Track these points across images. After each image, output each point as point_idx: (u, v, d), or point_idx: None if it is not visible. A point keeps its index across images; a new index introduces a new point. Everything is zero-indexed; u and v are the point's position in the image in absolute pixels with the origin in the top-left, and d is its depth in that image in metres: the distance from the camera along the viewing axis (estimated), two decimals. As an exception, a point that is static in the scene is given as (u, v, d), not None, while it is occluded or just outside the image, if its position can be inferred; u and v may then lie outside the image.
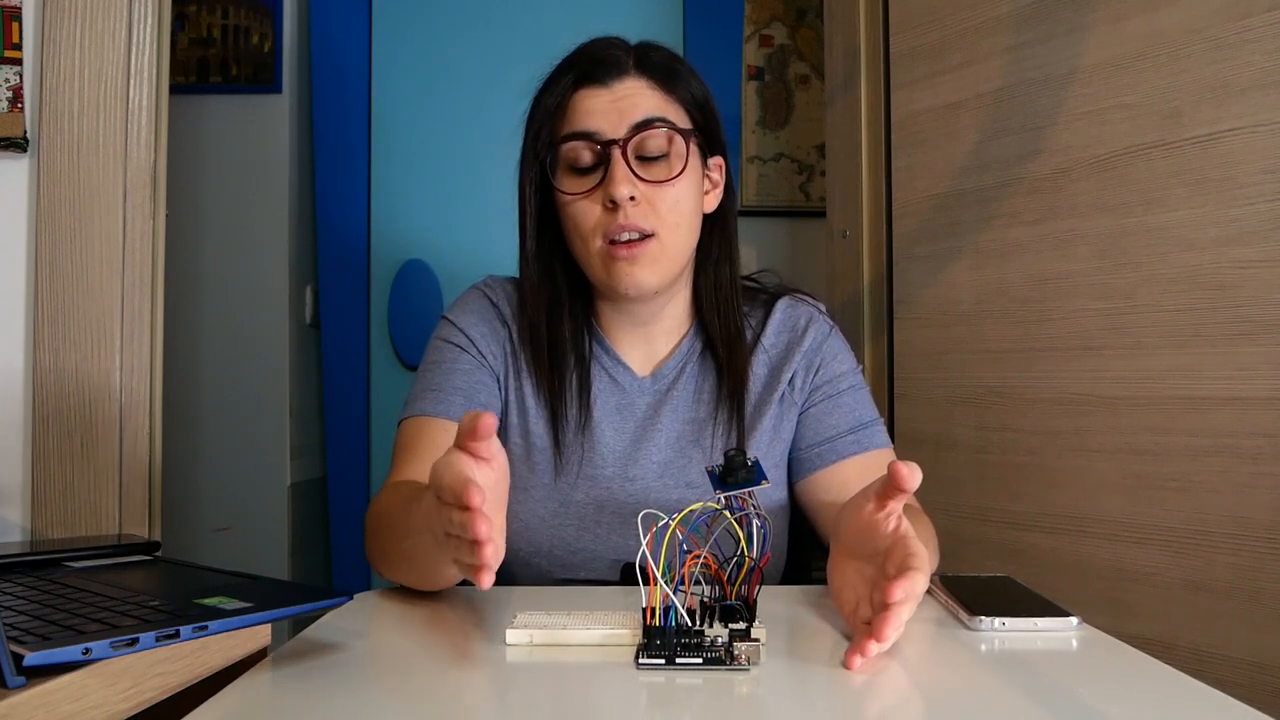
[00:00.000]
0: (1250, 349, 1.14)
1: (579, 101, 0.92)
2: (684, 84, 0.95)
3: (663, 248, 0.92)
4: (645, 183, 0.91)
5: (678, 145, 0.92)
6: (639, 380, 0.99)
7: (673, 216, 0.92)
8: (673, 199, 0.92)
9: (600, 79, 0.92)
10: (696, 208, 0.95)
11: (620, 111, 0.91)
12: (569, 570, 0.94)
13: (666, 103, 0.93)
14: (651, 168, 0.92)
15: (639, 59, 0.93)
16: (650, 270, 0.92)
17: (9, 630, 0.55)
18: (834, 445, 0.97)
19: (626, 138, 0.90)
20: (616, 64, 0.92)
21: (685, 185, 0.93)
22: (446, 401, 0.95)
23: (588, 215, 0.92)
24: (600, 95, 0.92)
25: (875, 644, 0.60)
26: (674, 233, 0.92)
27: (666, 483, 0.96)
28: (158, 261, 1.18)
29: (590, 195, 0.92)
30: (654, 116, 0.91)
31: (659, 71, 0.93)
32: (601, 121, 0.91)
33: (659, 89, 0.93)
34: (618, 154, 0.90)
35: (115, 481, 1.13)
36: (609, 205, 0.90)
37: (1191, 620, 1.19)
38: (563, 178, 0.93)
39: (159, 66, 1.18)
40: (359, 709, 0.55)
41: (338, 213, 2.16)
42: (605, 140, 0.90)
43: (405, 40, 2.14)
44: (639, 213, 0.90)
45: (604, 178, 0.90)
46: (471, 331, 1.00)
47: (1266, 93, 1.13)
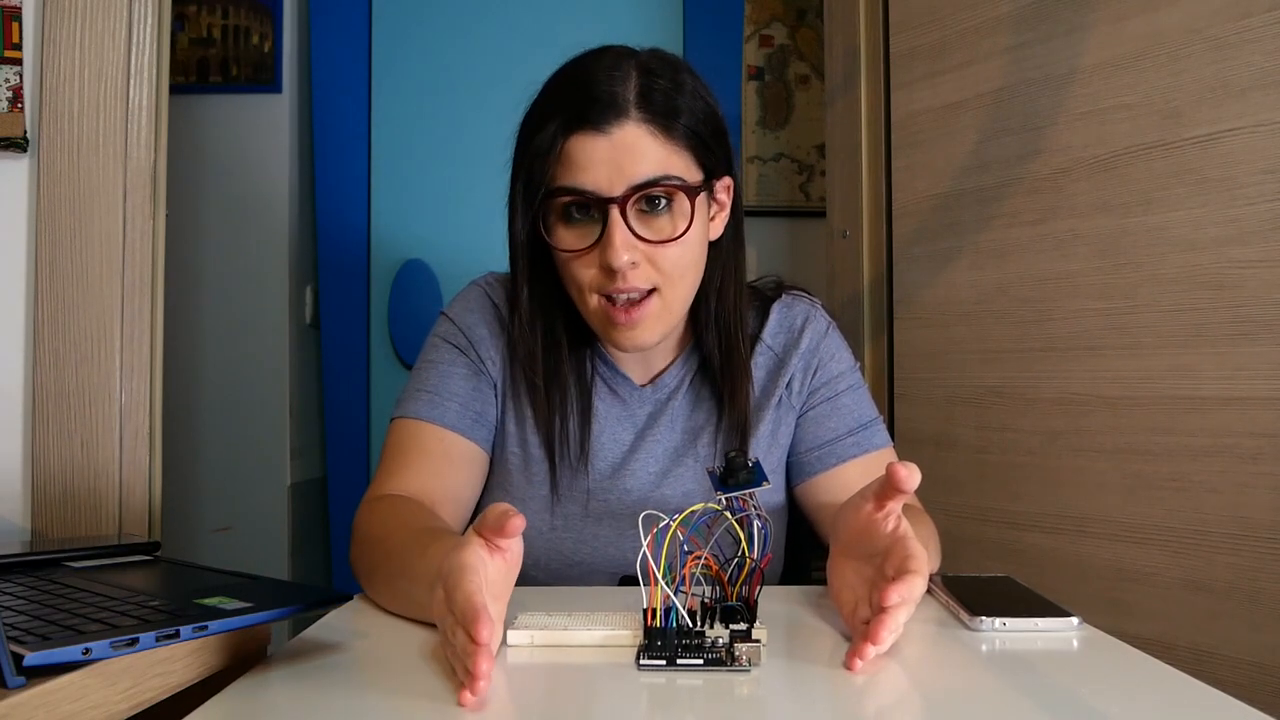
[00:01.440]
0: (1250, 349, 1.14)
1: (573, 149, 0.83)
2: (687, 118, 0.85)
3: (665, 304, 0.87)
4: (646, 242, 0.84)
5: (680, 201, 0.85)
6: (639, 390, 0.98)
7: (675, 272, 0.86)
8: (675, 256, 0.85)
9: (597, 123, 0.82)
10: (701, 254, 0.90)
11: (619, 166, 0.82)
12: (566, 582, 0.94)
13: (670, 150, 0.84)
14: (653, 222, 0.84)
15: (641, 96, 0.83)
16: (651, 330, 0.87)
17: (9, 630, 0.55)
18: (834, 448, 0.96)
19: (625, 196, 0.82)
20: (614, 105, 0.82)
21: (690, 239, 0.86)
22: (442, 407, 0.93)
23: (583, 274, 0.86)
24: (597, 144, 0.82)
25: (872, 647, 0.60)
26: (677, 287, 0.87)
27: (664, 492, 0.96)
28: (158, 261, 1.18)
29: (586, 255, 0.85)
30: (656, 176, 0.82)
31: (662, 113, 0.83)
32: (599, 175, 0.82)
33: (661, 135, 0.83)
34: (616, 215, 0.82)
35: (115, 481, 1.12)
36: (605, 268, 0.84)
37: (1191, 620, 1.19)
38: (557, 230, 0.86)
39: (159, 66, 1.18)
40: (359, 709, 0.55)
41: (338, 213, 2.16)
42: (602, 199, 0.82)
43: (405, 40, 2.14)
44: (639, 274, 0.84)
45: (601, 236, 0.83)
46: (471, 334, 0.97)
47: (1266, 93, 1.13)
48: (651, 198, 0.84)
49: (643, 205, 0.84)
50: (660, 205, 0.84)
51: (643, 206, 0.84)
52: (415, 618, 0.75)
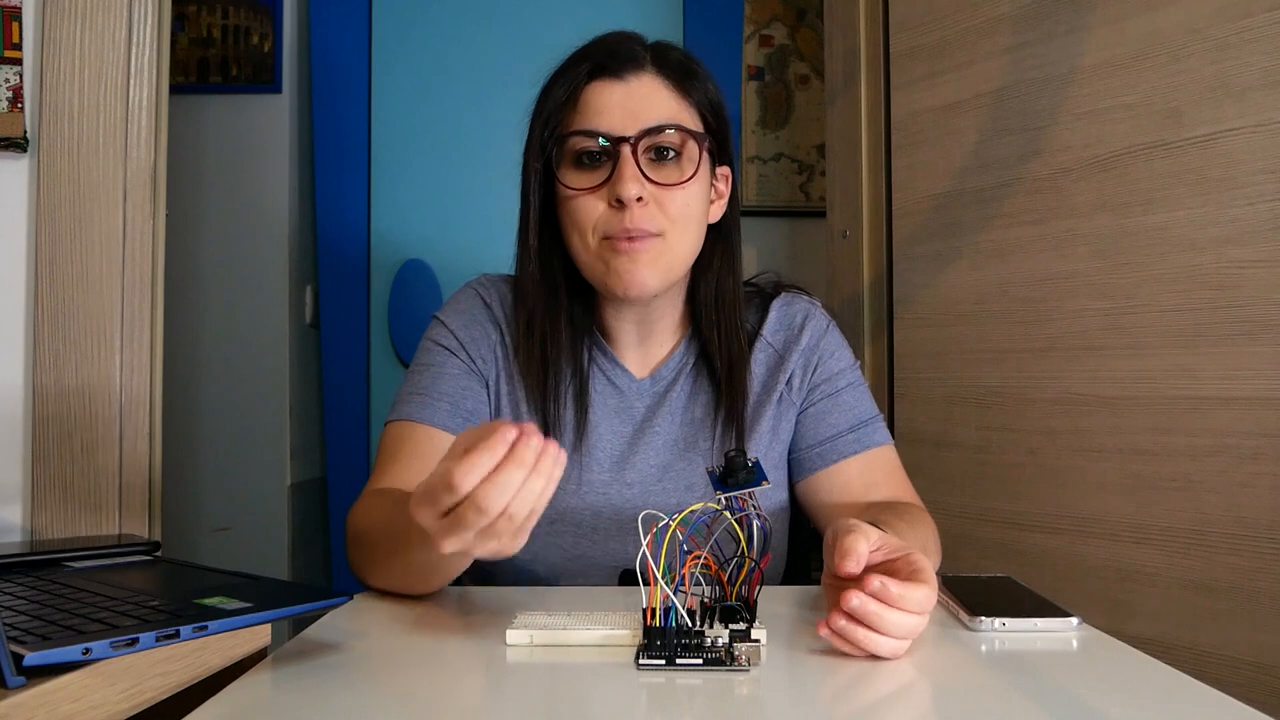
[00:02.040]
0: (1250, 349, 1.14)
1: (591, 95, 0.89)
2: (700, 86, 0.92)
3: (667, 247, 0.89)
4: (654, 184, 0.88)
5: (690, 148, 0.90)
6: (637, 382, 0.99)
7: (682, 217, 0.89)
8: (682, 200, 0.89)
9: (615, 72, 0.89)
10: (703, 213, 0.93)
11: (633, 109, 0.88)
12: (566, 577, 0.94)
13: (682, 105, 0.90)
14: (661, 168, 0.89)
15: (656, 55, 0.91)
16: (651, 270, 0.89)
17: (9, 630, 0.55)
18: (834, 445, 0.96)
19: (638, 137, 0.87)
20: (633, 58, 0.89)
21: (695, 189, 0.90)
22: (432, 407, 0.94)
23: (590, 212, 0.89)
24: (614, 89, 0.89)
25: (840, 621, 0.61)
26: (681, 234, 0.90)
27: (665, 486, 0.96)
28: (158, 261, 1.18)
29: (595, 192, 0.88)
30: (668, 122, 0.88)
31: (676, 70, 0.91)
32: (613, 118, 0.88)
33: (674, 89, 0.90)
34: (627, 152, 0.86)
35: (115, 481, 1.12)
36: (614, 204, 0.87)
37: (1191, 620, 1.19)
38: (567, 171, 0.90)
39: (159, 66, 1.18)
40: (359, 709, 0.55)
41: (338, 213, 2.16)
42: (615, 138, 0.87)
43: (405, 40, 2.14)
44: (646, 214, 0.87)
45: (611, 174, 0.87)
46: (462, 334, 0.98)
47: (1266, 93, 1.13)
48: (661, 147, 0.89)
49: (652, 154, 0.89)
50: (669, 155, 0.89)
51: (652, 155, 0.89)
52: (417, 590, 0.77)
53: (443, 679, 0.59)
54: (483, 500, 0.57)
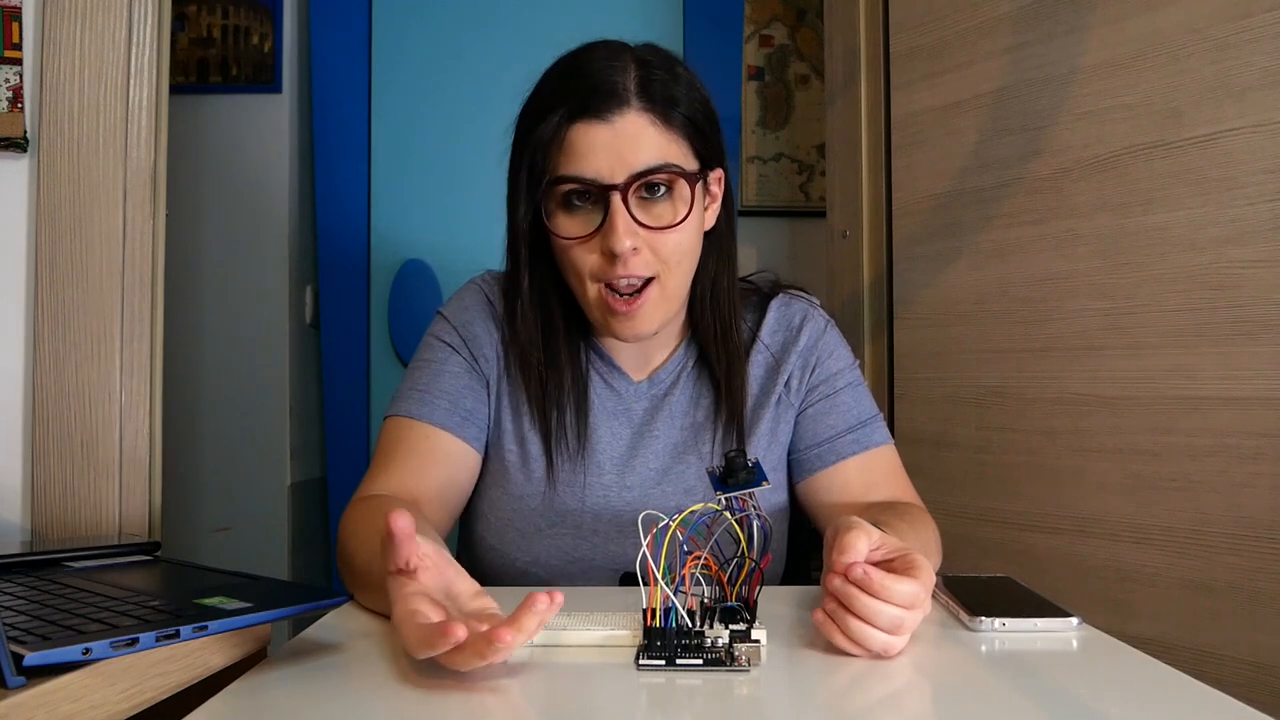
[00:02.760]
0: (1250, 349, 1.14)
1: (575, 137, 0.84)
2: (684, 108, 0.87)
3: (663, 291, 0.88)
4: (647, 229, 0.85)
5: (681, 188, 0.87)
6: (635, 385, 0.98)
7: (675, 258, 0.87)
8: (675, 242, 0.87)
9: (599, 112, 0.84)
10: (697, 242, 0.91)
11: (620, 154, 0.84)
12: (566, 580, 0.94)
13: (670, 140, 0.86)
14: (653, 209, 0.86)
15: (640, 86, 0.85)
16: (650, 319, 0.88)
17: (9, 630, 0.55)
18: (833, 446, 0.96)
19: (627, 184, 0.84)
20: (615, 94, 0.84)
21: (690, 226, 0.88)
22: (431, 405, 0.94)
23: (584, 262, 0.87)
24: (599, 132, 0.84)
25: (830, 604, 0.63)
26: (675, 273, 0.88)
27: (665, 489, 0.96)
28: (158, 261, 1.18)
29: (587, 242, 0.86)
30: (657, 164, 0.84)
31: (661, 102, 0.86)
32: (600, 162, 0.84)
33: (661, 124, 0.85)
34: (618, 202, 0.84)
35: (115, 481, 1.12)
36: (606, 254, 0.85)
37: (1191, 620, 1.19)
38: (558, 218, 0.87)
39: (159, 66, 1.18)
40: (359, 709, 0.55)
41: (338, 213, 2.16)
42: (604, 185, 0.84)
43: (405, 40, 2.14)
44: (639, 261, 0.86)
45: (603, 223, 0.84)
46: (465, 331, 0.98)
47: (1266, 93, 1.13)
48: (652, 185, 0.86)
49: (643, 193, 0.86)
50: (660, 193, 0.86)
51: (643, 194, 0.86)
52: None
53: (443, 679, 0.59)
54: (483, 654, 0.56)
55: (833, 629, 0.64)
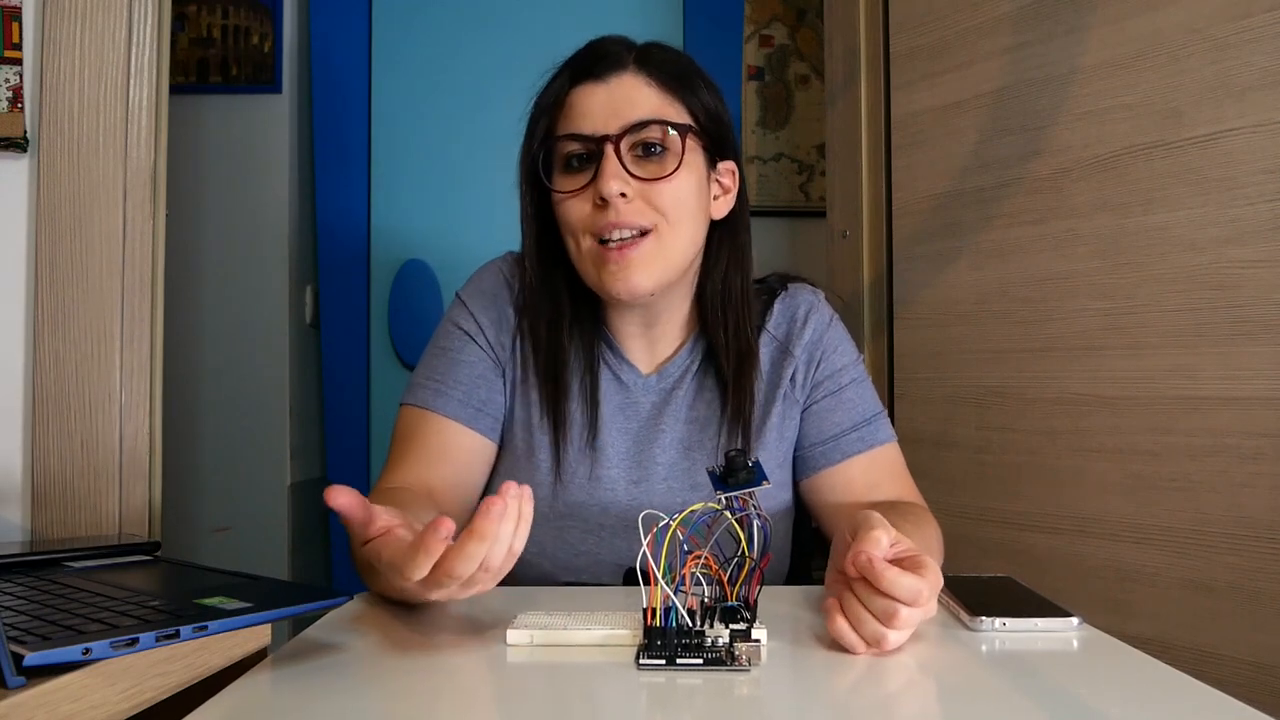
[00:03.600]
0: (1250, 349, 1.14)
1: (575, 98, 0.90)
2: (689, 85, 0.91)
3: (660, 244, 0.89)
4: (640, 180, 0.88)
5: (674, 142, 0.89)
6: (643, 379, 0.98)
7: (673, 212, 0.88)
8: (670, 194, 0.88)
9: (598, 74, 0.89)
10: (700, 208, 0.92)
11: (615, 108, 0.88)
12: (571, 573, 0.94)
13: (665, 101, 0.90)
14: (646, 164, 0.89)
15: (640, 55, 0.91)
16: (644, 272, 0.88)
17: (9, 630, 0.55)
18: (838, 444, 0.96)
19: (619, 134, 0.87)
20: (616, 60, 0.90)
21: (684, 182, 0.89)
22: (446, 396, 0.95)
23: (578, 212, 0.89)
24: (596, 91, 0.89)
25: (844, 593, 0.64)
26: (675, 227, 0.89)
27: (671, 485, 0.96)
28: (158, 261, 1.18)
29: (581, 193, 0.89)
30: (650, 117, 0.88)
31: (661, 69, 0.90)
32: (595, 119, 0.88)
33: (657, 86, 0.90)
34: (609, 150, 0.87)
35: (115, 481, 1.12)
36: (599, 203, 0.87)
37: (1191, 620, 1.19)
38: (556, 176, 0.91)
39: (159, 66, 1.18)
40: (359, 709, 0.55)
41: (338, 213, 2.16)
42: (597, 137, 0.87)
43: (405, 40, 2.14)
44: (633, 209, 0.87)
45: (595, 174, 0.88)
46: (482, 318, 0.99)
47: (1266, 93, 1.13)
48: (647, 144, 0.88)
49: (638, 151, 0.89)
50: (655, 150, 0.89)
51: (638, 152, 0.89)
52: (418, 601, 0.76)
53: (443, 679, 0.59)
54: (452, 569, 0.58)
55: (834, 614, 0.64)
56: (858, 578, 0.64)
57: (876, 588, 0.62)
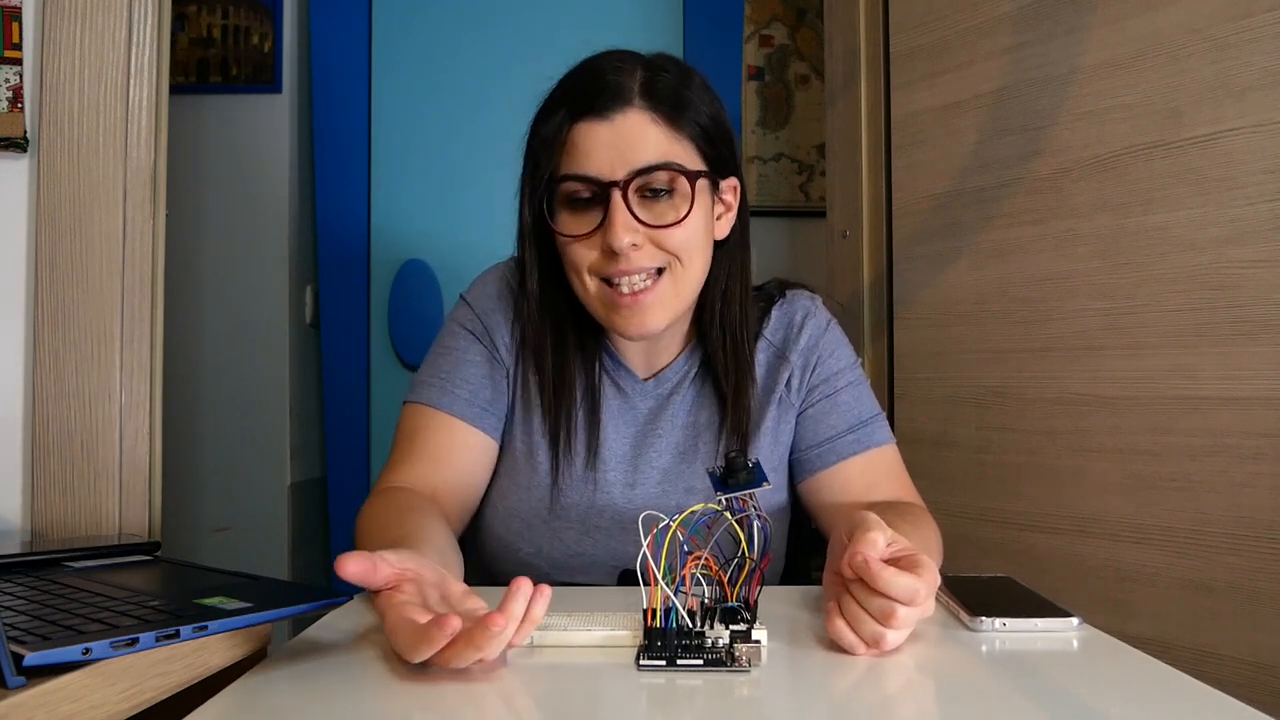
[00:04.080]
0: (1250, 349, 1.14)
1: (577, 136, 0.85)
2: (692, 113, 0.87)
3: (674, 284, 0.87)
4: (647, 226, 0.85)
5: (683, 186, 0.86)
6: (641, 383, 0.99)
7: (684, 250, 0.87)
8: (680, 238, 0.86)
9: (600, 111, 0.84)
10: (707, 239, 0.90)
11: (621, 150, 0.84)
12: (566, 574, 0.94)
13: (673, 140, 0.86)
14: (654, 208, 0.86)
15: (645, 87, 0.86)
16: (657, 314, 0.87)
17: (9, 630, 0.55)
18: (834, 446, 0.96)
19: (627, 180, 0.84)
20: (619, 93, 0.85)
21: (693, 223, 0.87)
22: (451, 395, 0.95)
23: (585, 257, 0.87)
24: (600, 130, 0.84)
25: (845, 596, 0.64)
26: (686, 265, 0.87)
27: (666, 489, 0.96)
28: (158, 261, 1.18)
29: (587, 239, 0.86)
30: (657, 162, 0.84)
31: (666, 102, 0.86)
32: (600, 161, 0.84)
33: (664, 123, 0.85)
34: (617, 198, 0.83)
35: (115, 481, 1.12)
36: (607, 251, 0.85)
37: (1191, 620, 1.19)
38: (561, 216, 0.88)
39: (159, 66, 1.18)
40: (359, 709, 0.55)
41: (338, 213, 2.16)
42: (604, 183, 0.84)
43: (405, 40, 2.14)
44: (643, 255, 0.85)
45: (603, 220, 0.85)
46: (487, 319, 0.98)
47: (1266, 93, 1.13)
48: (654, 187, 0.86)
49: (645, 192, 0.86)
50: (662, 194, 0.86)
51: (645, 194, 0.86)
52: None
53: (443, 679, 0.59)
54: (446, 663, 0.57)
55: (832, 615, 0.64)
56: (854, 579, 0.64)
57: (873, 588, 0.62)
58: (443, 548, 0.78)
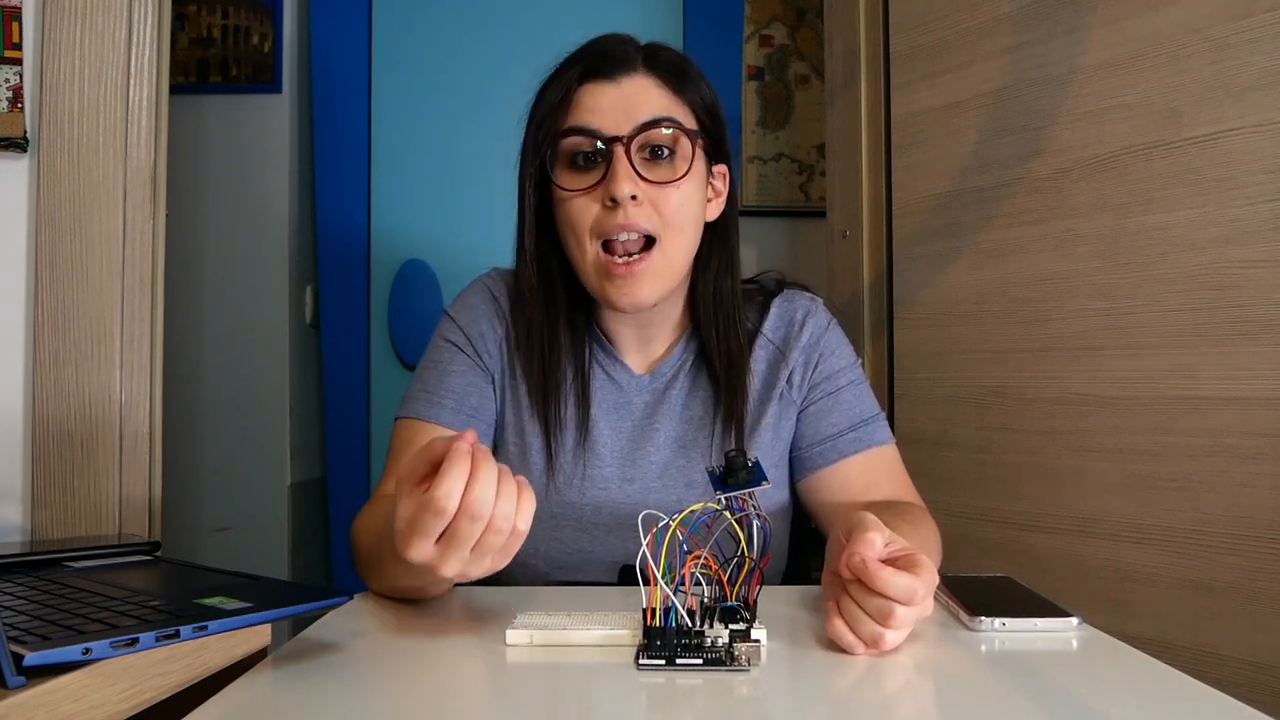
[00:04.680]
0: (1250, 349, 1.14)
1: (584, 96, 0.89)
2: (693, 86, 0.92)
3: (664, 256, 0.89)
4: (648, 183, 0.88)
5: (683, 146, 0.90)
6: (637, 379, 0.99)
7: (677, 219, 0.89)
8: (677, 200, 0.89)
9: (607, 74, 0.89)
10: (700, 213, 0.93)
11: (626, 108, 0.88)
12: (566, 572, 0.94)
13: (674, 103, 0.90)
14: (655, 167, 0.89)
15: (648, 56, 0.91)
16: (650, 286, 0.89)
17: (9, 630, 0.55)
18: (835, 444, 0.96)
19: (631, 135, 0.87)
20: (625, 60, 0.90)
21: (690, 187, 0.90)
22: (438, 405, 0.95)
23: (585, 213, 0.89)
24: (606, 90, 0.89)
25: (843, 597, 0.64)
26: (677, 237, 0.90)
27: (665, 484, 0.96)
28: (158, 261, 1.18)
29: (589, 193, 0.89)
30: (661, 116, 0.88)
31: (668, 70, 0.91)
32: (606, 118, 0.88)
33: (667, 88, 0.90)
34: (620, 151, 0.87)
35: (115, 481, 1.12)
36: (608, 204, 0.87)
37: (1191, 620, 1.19)
38: (562, 173, 0.90)
39: (159, 66, 1.18)
40: (359, 709, 0.55)
41: (338, 213, 2.16)
42: (608, 137, 0.87)
43: (405, 40, 2.14)
44: (641, 213, 0.87)
45: (605, 175, 0.87)
46: (470, 330, 0.99)
47: (1266, 93, 1.13)
48: (655, 146, 0.89)
49: (646, 154, 0.89)
50: (663, 154, 0.89)
51: (646, 155, 0.89)
52: (422, 597, 0.77)
53: (443, 679, 0.59)
54: (473, 507, 0.58)
55: (831, 615, 0.65)
56: (853, 579, 0.64)
57: (871, 588, 0.62)
58: None
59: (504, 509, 0.60)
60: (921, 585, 0.62)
